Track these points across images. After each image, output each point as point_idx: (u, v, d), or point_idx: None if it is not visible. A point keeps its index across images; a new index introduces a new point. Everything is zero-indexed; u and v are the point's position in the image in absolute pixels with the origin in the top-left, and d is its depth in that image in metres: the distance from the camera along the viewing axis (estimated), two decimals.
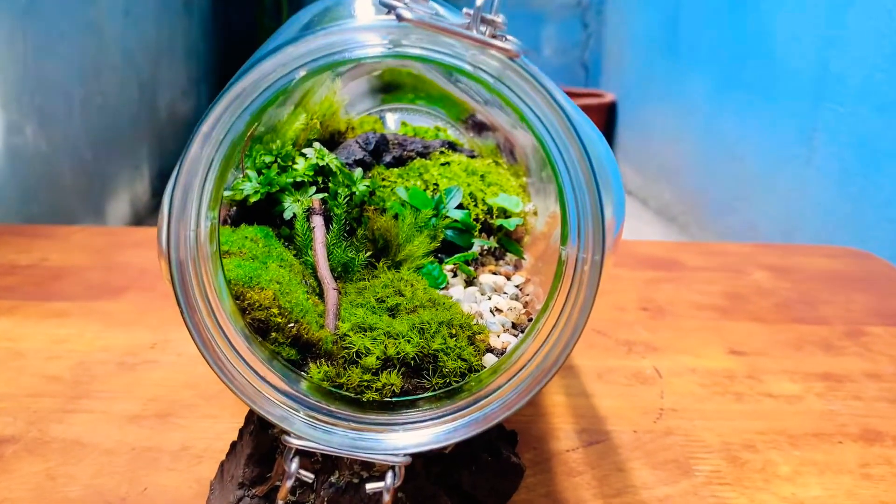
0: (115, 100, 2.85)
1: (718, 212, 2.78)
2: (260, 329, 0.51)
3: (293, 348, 0.51)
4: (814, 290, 1.15)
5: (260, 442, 0.57)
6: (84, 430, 0.73)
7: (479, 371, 0.52)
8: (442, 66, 0.45)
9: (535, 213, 0.81)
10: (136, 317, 0.98)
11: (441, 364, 0.51)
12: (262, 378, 0.47)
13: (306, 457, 0.53)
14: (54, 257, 1.17)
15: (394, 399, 0.51)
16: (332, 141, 0.81)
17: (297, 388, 0.49)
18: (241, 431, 0.62)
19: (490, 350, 0.55)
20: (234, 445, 0.62)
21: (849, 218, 1.96)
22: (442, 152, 0.85)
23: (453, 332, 0.53)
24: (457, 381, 0.51)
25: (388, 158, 0.81)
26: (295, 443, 0.47)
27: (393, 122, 0.97)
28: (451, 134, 0.94)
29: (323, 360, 0.52)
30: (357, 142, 0.79)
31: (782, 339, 0.98)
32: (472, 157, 0.88)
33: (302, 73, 0.44)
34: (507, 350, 0.53)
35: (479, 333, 0.55)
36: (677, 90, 3.16)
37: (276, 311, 0.51)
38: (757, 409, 0.81)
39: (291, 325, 0.51)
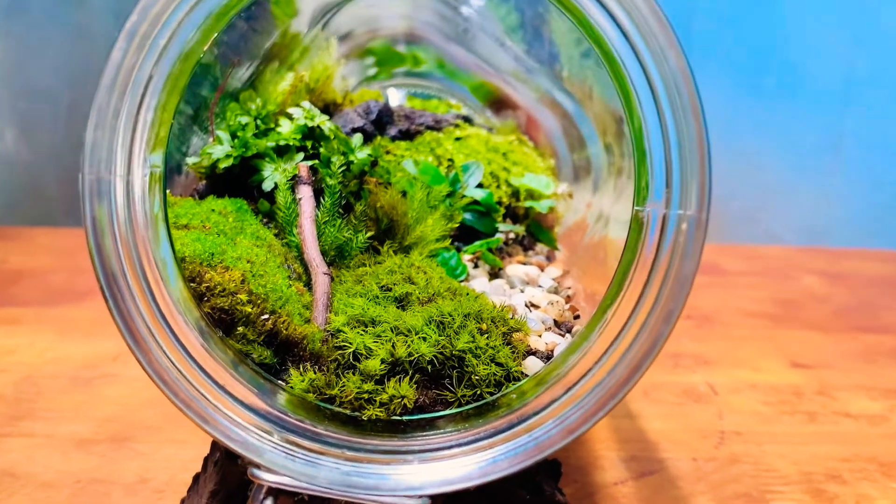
0: None
1: (739, 223, 2.64)
2: (222, 321, 0.37)
3: (268, 348, 0.38)
4: (872, 295, 1.02)
5: (226, 475, 0.44)
6: (20, 458, 0.60)
7: (519, 380, 0.38)
8: None
9: (571, 196, 0.68)
10: (99, 324, 0.84)
11: (469, 369, 0.38)
12: (222, 388, 0.34)
13: (287, 496, 0.39)
14: (14, 259, 1.04)
15: (405, 417, 0.37)
16: (327, 112, 0.68)
17: (271, 402, 0.35)
18: (206, 460, 0.48)
19: (532, 353, 0.41)
20: (196, 478, 0.49)
21: (879, 227, 1.84)
22: (457, 126, 0.72)
23: (484, 327, 0.40)
24: (490, 393, 0.38)
25: (393, 132, 0.68)
26: (266, 479, 0.33)
27: (398, 100, 0.84)
28: (466, 112, 0.81)
29: (308, 363, 0.38)
30: (356, 110, 0.66)
31: (848, 350, 0.85)
32: (491, 132, 0.75)
33: None
34: (557, 353, 0.39)
35: (518, 331, 0.41)
36: None
37: (244, 297, 0.37)
38: (835, 432, 0.68)
39: (265, 316, 0.38)
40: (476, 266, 0.58)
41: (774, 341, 0.86)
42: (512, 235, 0.64)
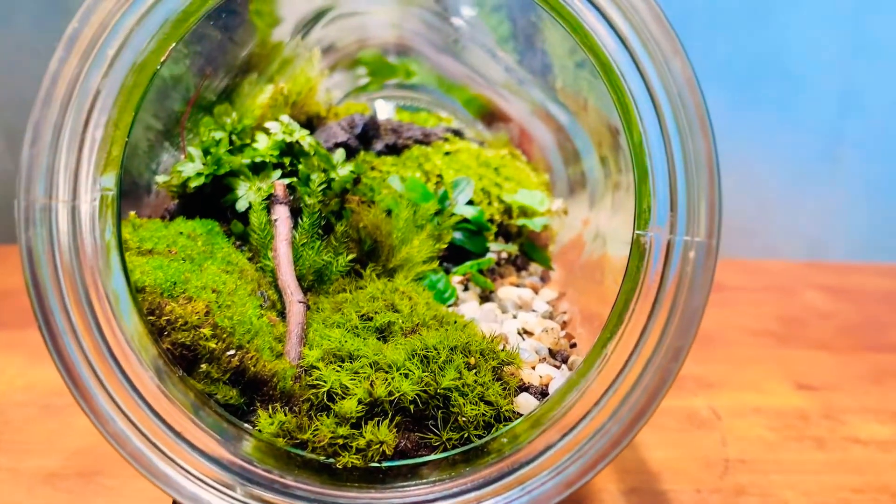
0: None
1: (736, 236, 2.62)
2: (183, 359, 0.34)
3: (234, 387, 0.35)
4: (878, 312, 0.99)
5: None
6: None
7: (511, 420, 0.35)
8: None
9: (566, 212, 0.65)
10: None
11: (455, 409, 0.34)
12: (179, 436, 0.30)
13: None
14: None
15: (384, 464, 0.33)
16: (309, 126, 0.64)
17: (235, 449, 0.32)
18: (175, 501, 0.45)
19: (525, 388, 0.38)
20: None
21: (880, 239, 1.82)
22: (446, 139, 0.69)
23: (471, 361, 0.36)
24: (479, 436, 0.34)
25: (379, 146, 0.65)
26: None
27: (386, 113, 0.81)
28: (456, 125, 0.78)
29: (279, 404, 0.35)
30: (340, 124, 0.63)
31: (856, 371, 0.82)
32: (482, 146, 0.72)
33: None
34: (552, 390, 0.36)
35: (510, 363, 0.38)
36: None
37: (208, 331, 0.34)
38: (845, 459, 0.64)
39: (231, 352, 0.34)
40: (466, 288, 0.55)
41: (778, 361, 0.83)
42: (504, 255, 0.61)
